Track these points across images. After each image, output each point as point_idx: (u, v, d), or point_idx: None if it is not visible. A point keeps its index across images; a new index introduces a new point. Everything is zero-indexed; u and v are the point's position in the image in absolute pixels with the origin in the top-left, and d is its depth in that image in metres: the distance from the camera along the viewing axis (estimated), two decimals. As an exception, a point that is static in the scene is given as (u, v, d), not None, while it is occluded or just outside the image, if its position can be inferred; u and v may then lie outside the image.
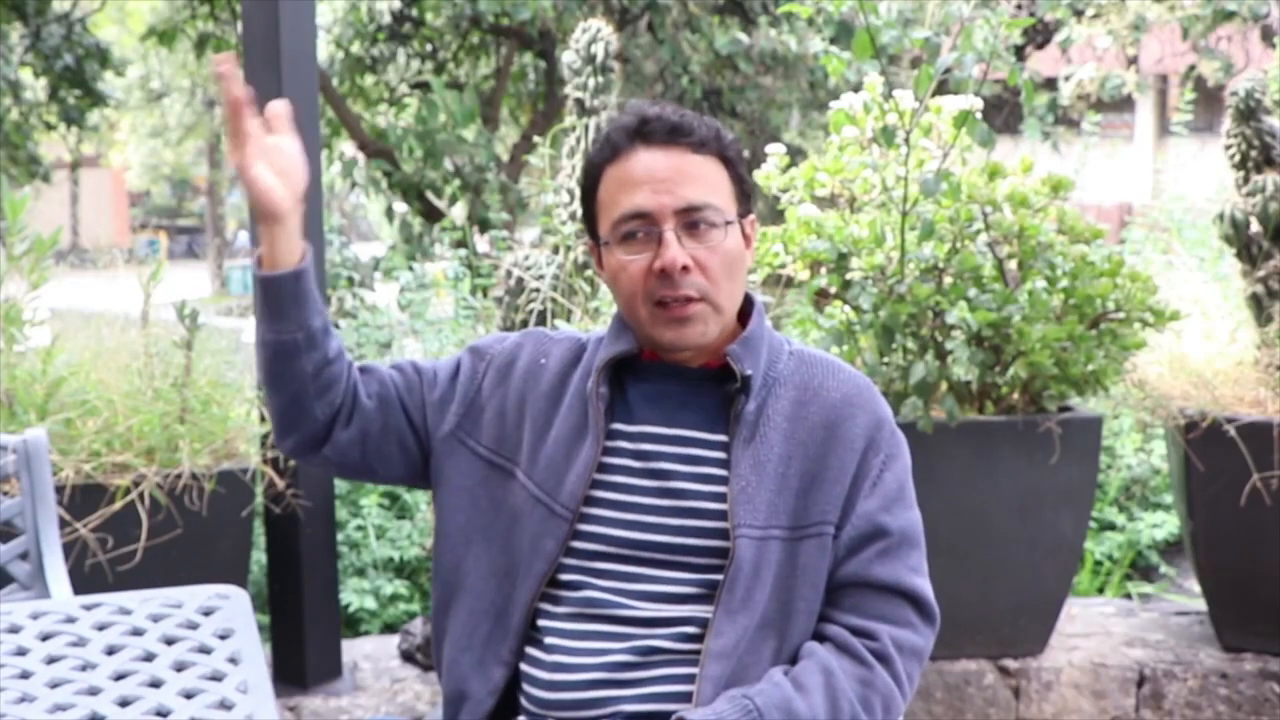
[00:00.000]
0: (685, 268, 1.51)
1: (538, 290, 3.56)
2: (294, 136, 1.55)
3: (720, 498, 1.53)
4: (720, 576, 1.51)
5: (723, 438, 1.56)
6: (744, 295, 1.62)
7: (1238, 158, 3.34)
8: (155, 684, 1.42)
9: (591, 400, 1.57)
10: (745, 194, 1.60)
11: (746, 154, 1.72)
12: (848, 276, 2.99)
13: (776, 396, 1.56)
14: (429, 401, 1.64)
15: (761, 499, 1.51)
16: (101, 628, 1.58)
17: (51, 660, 1.48)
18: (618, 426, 1.58)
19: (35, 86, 11.73)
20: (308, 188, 1.57)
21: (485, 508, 1.61)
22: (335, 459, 1.63)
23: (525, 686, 1.55)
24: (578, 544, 1.55)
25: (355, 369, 1.63)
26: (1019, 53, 9.99)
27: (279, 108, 1.54)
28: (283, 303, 1.53)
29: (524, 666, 1.56)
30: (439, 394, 1.65)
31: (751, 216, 1.62)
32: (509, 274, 3.60)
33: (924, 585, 1.55)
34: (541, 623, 1.56)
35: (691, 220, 1.52)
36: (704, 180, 1.54)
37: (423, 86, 10.02)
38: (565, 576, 1.56)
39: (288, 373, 1.56)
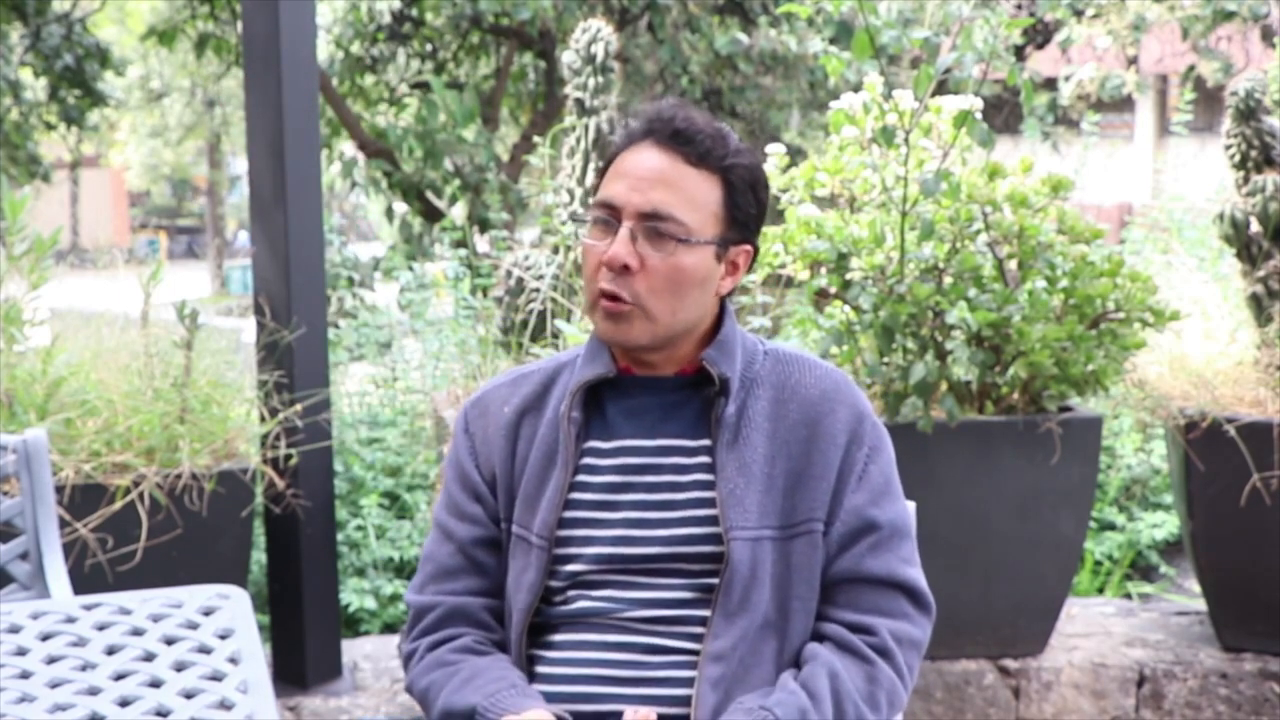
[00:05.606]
0: (626, 267, 1.49)
1: (538, 290, 3.56)
2: None
3: (709, 503, 1.53)
4: (715, 580, 1.51)
5: (706, 443, 1.56)
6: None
7: (1238, 158, 3.34)
8: (155, 684, 1.42)
9: (563, 424, 1.57)
10: (741, 221, 1.55)
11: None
12: (848, 276, 2.99)
13: (756, 397, 1.56)
14: (487, 507, 1.62)
15: (751, 500, 1.51)
16: (101, 628, 1.58)
17: (51, 660, 1.48)
18: (594, 444, 1.57)
19: (35, 86, 11.72)
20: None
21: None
22: None
23: (535, 685, 1.56)
24: (564, 567, 1.55)
25: (486, 622, 1.62)
26: (1019, 53, 9.98)
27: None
28: None
29: (535, 668, 1.58)
30: (483, 496, 1.63)
31: (745, 247, 1.57)
32: (509, 274, 3.60)
33: (917, 575, 1.56)
34: (544, 636, 1.57)
35: (653, 226, 1.50)
36: (683, 192, 1.51)
37: (423, 86, 10.01)
38: (558, 597, 1.57)
39: None
